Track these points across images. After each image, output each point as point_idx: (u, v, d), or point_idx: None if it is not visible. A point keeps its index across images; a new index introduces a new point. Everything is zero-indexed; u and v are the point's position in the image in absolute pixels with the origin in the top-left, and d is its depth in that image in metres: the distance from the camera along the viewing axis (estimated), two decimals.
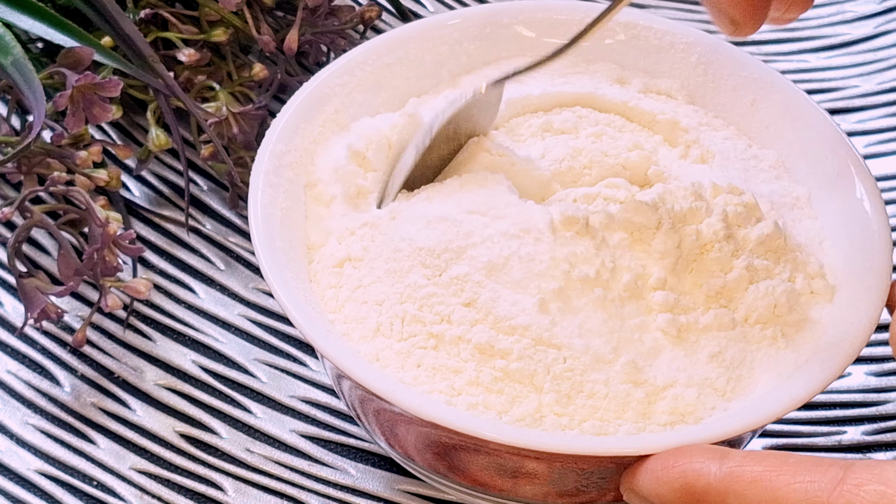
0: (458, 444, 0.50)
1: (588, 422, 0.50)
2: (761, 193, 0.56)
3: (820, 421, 0.61)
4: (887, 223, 0.54)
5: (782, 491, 0.45)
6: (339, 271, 0.53)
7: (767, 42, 0.77)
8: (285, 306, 0.51)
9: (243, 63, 0.68)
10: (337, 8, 0.69)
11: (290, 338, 0.63)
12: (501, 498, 0.53)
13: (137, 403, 0.61)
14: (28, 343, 0.63)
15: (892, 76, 0.75)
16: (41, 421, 0.60)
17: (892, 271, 0.53)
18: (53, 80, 0.62)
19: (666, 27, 0.61)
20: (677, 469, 0.47)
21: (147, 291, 0.60)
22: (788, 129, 0.59)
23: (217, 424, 0.61)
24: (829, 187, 0.57)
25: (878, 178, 0.58)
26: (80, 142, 0.63)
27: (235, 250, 0.66)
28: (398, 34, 0.61)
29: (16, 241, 0.60)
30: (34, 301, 0.59)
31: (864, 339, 0.51)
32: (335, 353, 0.50)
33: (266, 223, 0.53)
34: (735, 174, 0.57)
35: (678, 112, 0.59)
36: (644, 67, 0.61)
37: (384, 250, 0.53)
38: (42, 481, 0.59)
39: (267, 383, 0.62)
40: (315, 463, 0.60)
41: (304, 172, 0.56)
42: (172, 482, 0.59)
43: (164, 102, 0.64)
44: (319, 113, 0.58)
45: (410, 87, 0.60)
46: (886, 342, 0.64)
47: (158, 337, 0.63)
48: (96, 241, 0.59)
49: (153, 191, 0.68)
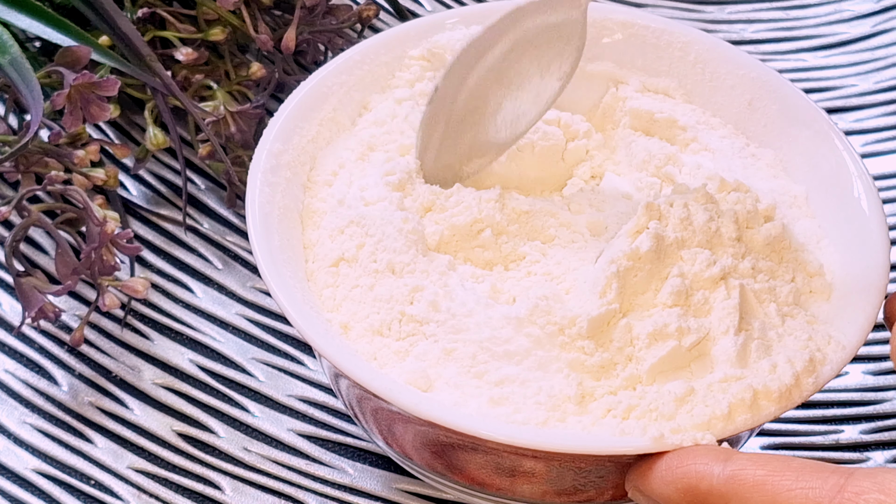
0: (455, 442, 0.50)
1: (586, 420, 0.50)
2: (761, 191, 0.56)
3: (817, 420, 0.61)
4: (885, 222, 0.54)
5: (783, 496, 0.45)
6: (336, 270, 0.53)
7: (765, 41, 0.77)
8: (283, 305, 0.51)
9: (241, 62, 0.68)
10: (335, 7, 0.69)
11: (288, 337, 0.63)
12: (499, 497, 0.53)
13: (135, 402, 0.61)
14: (26, 342, 0.63)
15: (889, 75, 0.75)
16: (39, 420, 0.60)
17: (889, 270, 0.53)
18: (51, 79, 0.62)
19: (664, 26, 0.61)
20: (681, 470, 0.47)
21: (145, 290, 0.60)
22: (786, 128, 0.59)
23: (215, 423, 0.61)
24: (827, 186, 0.57)
25: (875, 177, 0.58)
26: (77, 141, 0.63)
27: (233, 249, 0.66)
28: (396, 33, 0.61)
29: (13, 240, 0.60)
30: (32, 300, 0.59)
31: (861, 338, 0.51)
32: (333, 352, 0.50)
33: (264, 222, 0.53)
34: (733, 173, 0.57)
35: (676, 111, 0.59)
36: (642, 66, 0.61)
37: (376, 249, 0.53)
38: (40, 480, 0.59)
39: (265, 382, 0.62)
40: (313, 462, 0.60)
41: (303, 171, 0.56)
42: (170, 481, 0.59)
43: (161, 101, 0.64)
44: (317, 112, 0.58)
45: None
46: (884, 341, 0.64)
47: (156, 336, 0.63)
48: (94, 240, 0.59)
49: (151, 190, 0.68)
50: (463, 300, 0.51)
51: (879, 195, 0.55)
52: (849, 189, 0.56)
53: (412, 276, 0.52)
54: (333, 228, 0.54)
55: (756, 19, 0.78)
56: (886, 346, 0.64)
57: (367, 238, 0.53)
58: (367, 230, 0.53)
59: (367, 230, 0.53)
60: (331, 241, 0.54)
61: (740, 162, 0.58)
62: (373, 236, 0.53)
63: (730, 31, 0.77)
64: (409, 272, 0.52)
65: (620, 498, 0.52)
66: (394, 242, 0.52)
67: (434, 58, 0.59)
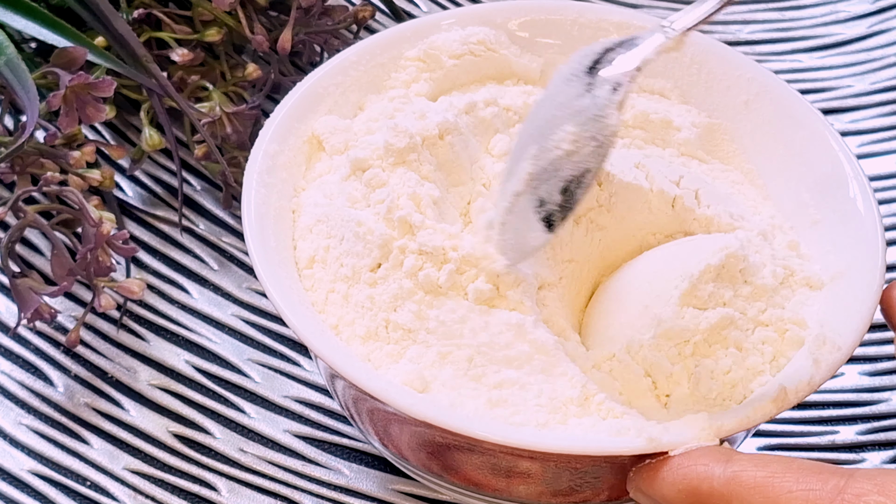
0: (451, 443, 0.50)
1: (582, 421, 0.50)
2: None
3: (813, 420, 0.62)
4: (880, 223, 0.54)
5: (783, 498, 0.45)
6: (311, 273, 0.53)
7: (761, 42, 0.77)
8: (279, 306, 0.51)
9: (237, 63, 0.68)
10: (330, 8, 0.69)
11: (284, 338, 0.63)
12: (495, 497, 0.53)
13: (131, 403, 0.61)
14: (21, 343, 0.63)
15: (885, 76, 0.75)
16: (35, 421, 0.60)
17: (885, 271, 0.53)
18: (47, 79, 0.62)
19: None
20: (682, 471, 0.47)
21: (140, 291, 0.60)
22: (782, 128, 0.59)
23: (211, 424, 0.60)
24: (823, 187, 0.57)
25: (871, 178, 0.58)
26: (73, 142, 0.63)
27: (229, 250, 0.66)
28: (392, 34, 0.61)
29: (9, 241, 0.60)
30: (27, 301, 0.59)
31: (857, 339, 0.51)
32: (329, 352, 0.50)
33: (260, 223, 0.53)
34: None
35: (671, 111, 0.59)
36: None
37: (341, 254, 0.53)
38: (35, 481, 0.59)
39: (260, 383, 0.62)
40: (309, 463, 0.60)
41: (298, 172, 0.56)
42: (166, 482, 0.59)
43: (157, 102, 0.64)
44: (313, 113, 0.58)
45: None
46: (880, 342, 0.64)
47: (152, 337, 0.63)
48: (90, 242, 0.59)
49: (146, 191, 0.68)
50: (452, 307, 0.51)
51: (875, 196, 0.55)
52: (844, 190, 0.56)
53: (385, 283, 0.52)
54: (304, 227, 0.54)
55: (752, 20, 0.78)
56: (883, 346, 0.64)
57: (330, 239, 0.53)
58: (331, 230, 0.53)
59: (331, 230, 0.53)
60: (302, 241, 0.54)
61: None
62: (334, 237, 0.53)
63: (726, 32, 0.77)
64: (381, 279, 0.52)
65: (617, 499, 0.52)
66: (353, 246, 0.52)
67: (430, 59, 0.59)
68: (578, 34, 0.61)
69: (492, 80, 0.61)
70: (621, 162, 0.55)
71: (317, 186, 0.55)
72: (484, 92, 0.58)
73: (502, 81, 0.61)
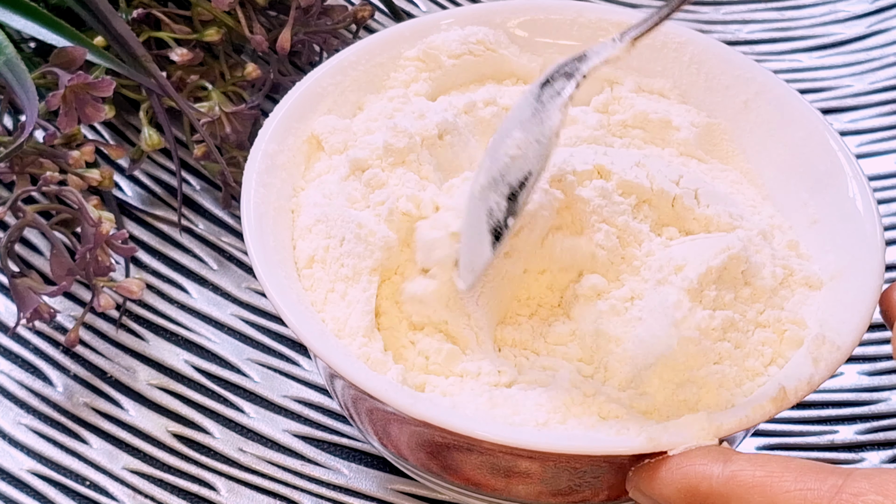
0: (451, 443, 0.50)
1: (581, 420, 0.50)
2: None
3: (812, 420, 0.62)
4: (880, 222, 0.54)
5: (782, 498, 0.45)
6: (310, 273, 0.53)
7: (760, 42, 0.77)
8: (278, 306, 0.51)
9: (236, 63, 0.68)
10: (330, 7, 0.69)
11: (283, 337, 0.63)
12: (495, 497, 0.53)
13: (130, 403, 0.61)
14: (20, 343, 0.63)
15: (884, 76, 0.75)
16: (34, 421, 0.60)
17: (884, 271, 0.53)
18: (46, 79, 0.62)
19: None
20: (681, 470, 0.47)
21: (140, 291, 0.60)
22: (781, 128, 0.59)
23: (210, 424, 0.60)
24: (822, 187, 0.57)
25: (870, 178, 0.58)
26: (72, 141, 0.63)
27: (228, 250, 0.66)
28: (391, 34, 0.61)
29: (8, 241, 0.60)
30: (27, 301, 0.59)
31: (856, 339, 0.51)
32: (328, 352, 0.50)
33: (259, 223, 0.53)
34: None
35: (671, 111, 0.59)
36: (637, 67, 0.61)
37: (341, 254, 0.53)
38: (35, 481, 0.59)
39: (260, 383, 0.62)
40: (308, 463, 0.60)
41: (297, 172, 0.56)
42: (165, 482, 0.59)
43: (156, 102, 0.64)
44: (312, 113, 0.58)
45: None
46: (879, 341, 0.64)
47: (151, 337, 0.63)
48: (89, 241, 0.59)
49: (146, 190, 0.68)
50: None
51: (874, 196, 0.55)
52: (844, 190, 0.56)
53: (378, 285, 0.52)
54: (303, 227, 0.54)
55: (751, 20, 0.78)
56: (882, 346, 0.64)
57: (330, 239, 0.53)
58: (330, 230, 0.53)
59: (330, 230, 0.53)
60: (301, 241, 0.54)
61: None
62: (333, 237, 0.53)
63: (725, 32, 0.77)
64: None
65: (616, 498, 0.52)
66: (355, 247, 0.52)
67: (429, 58, 0.59)
68: (578, 34, 0.61)
69: (491, 80, 0.61)
70: (622, 161, 0.55)
71: (316, 186, 0.55)
72: (483, 92, 0.58)
73: (501, 81, 0.61)
